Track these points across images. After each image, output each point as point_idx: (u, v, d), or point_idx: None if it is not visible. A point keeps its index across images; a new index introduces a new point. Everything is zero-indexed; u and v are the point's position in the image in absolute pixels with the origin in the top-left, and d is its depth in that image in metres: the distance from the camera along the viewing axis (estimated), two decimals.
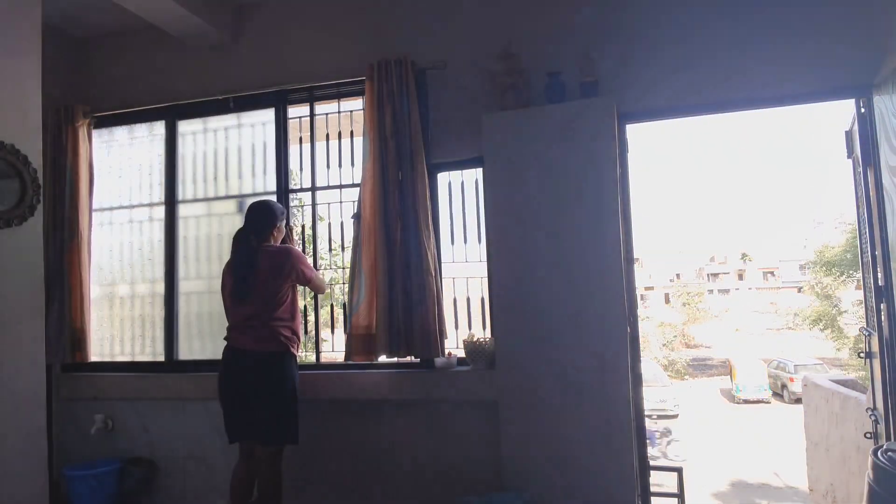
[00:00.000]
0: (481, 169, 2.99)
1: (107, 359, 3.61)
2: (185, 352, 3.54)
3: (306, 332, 3.25)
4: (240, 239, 2.78)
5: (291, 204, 3.46)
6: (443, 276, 3.04)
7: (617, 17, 2.92)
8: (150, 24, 3.28)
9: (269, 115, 3.45)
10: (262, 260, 2.69)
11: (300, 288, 2.94)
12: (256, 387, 2.63)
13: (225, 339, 2.77)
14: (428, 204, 2.92)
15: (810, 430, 6.35)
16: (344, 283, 3.28)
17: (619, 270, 2.61)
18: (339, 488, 3.10)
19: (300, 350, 2.86)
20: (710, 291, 37.55)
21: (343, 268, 3.31)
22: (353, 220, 3.08)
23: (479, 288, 3.13)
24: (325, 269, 3.38)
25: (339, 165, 3.34)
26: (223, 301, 2.82)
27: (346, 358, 2.96)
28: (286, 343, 2.70)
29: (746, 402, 19.86)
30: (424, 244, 2.87)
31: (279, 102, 3.40)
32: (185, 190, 3.62)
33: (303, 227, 3.41)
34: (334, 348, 3.36)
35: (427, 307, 2.84)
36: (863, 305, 2.90)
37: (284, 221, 2.91)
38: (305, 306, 3.31)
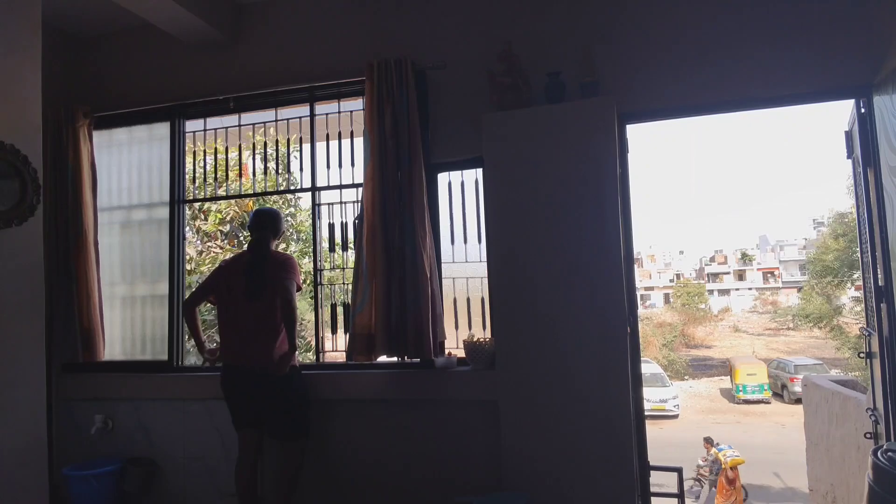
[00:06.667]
0: (481, 169, 2.98)
1: (108, 358, 3.60)
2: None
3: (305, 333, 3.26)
4: (259, 240, 2.90)
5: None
6: (442, 276, 3.04)
7: (617, 17, 2.92)
8: (150, 23, 3.28)
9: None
10: (272, 263, 2.86)
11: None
12: (266, 399, 2.78)
13: (224, 356, 2.87)
14: (425, 204, 2.91)
15: (810, 430, 6.35)
16: (344, 283, 3.28)
17: (619, 270, 2.61)
18: (340, 488, 3.10)
19: (298, 355, 2.96)
20: (711, 292, 37.55)
21: (343, 268, 3.31)
22: (356, 221, 3.09)
23: (479, 288, 3.13)
24: (327, 269, 3.38)
25: (340, 165, 3.34)
26: (228, 304, 2.87)
27: (348, 357, 2.96)
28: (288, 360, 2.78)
29: (747, 402, 19.86)
30: (420, 245, 2.86)
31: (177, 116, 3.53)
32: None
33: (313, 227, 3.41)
34: (335, 348, 3.36)
35: (421, 308, 2.83)
36: (862, 305, 2.90)
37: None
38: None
